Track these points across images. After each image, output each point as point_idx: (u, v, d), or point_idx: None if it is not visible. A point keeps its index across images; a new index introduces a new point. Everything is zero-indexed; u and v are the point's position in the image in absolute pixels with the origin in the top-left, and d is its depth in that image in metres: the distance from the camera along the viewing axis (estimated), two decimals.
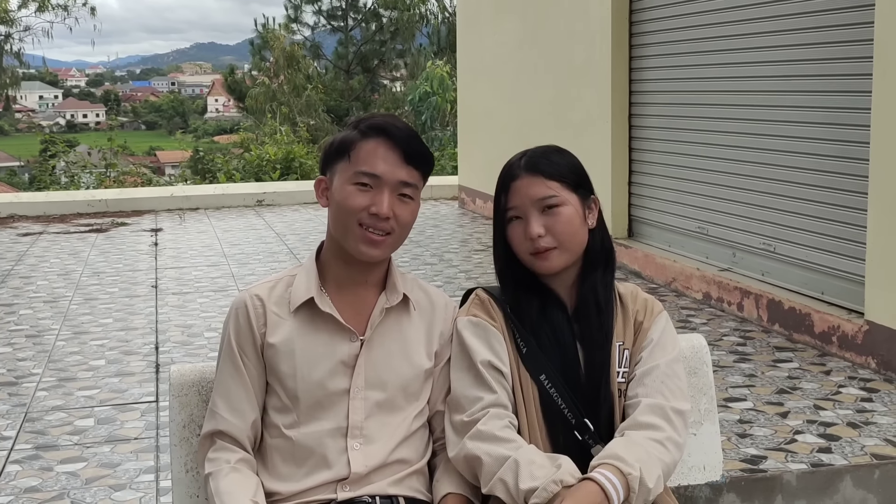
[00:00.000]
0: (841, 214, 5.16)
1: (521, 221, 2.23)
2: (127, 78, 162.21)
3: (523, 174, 2.22)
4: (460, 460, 2.12)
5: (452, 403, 2.19)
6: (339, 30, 38.70)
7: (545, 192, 2.20)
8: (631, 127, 7.35)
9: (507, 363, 2.19)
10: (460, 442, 2.12)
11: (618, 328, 2.25)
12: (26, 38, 40.09)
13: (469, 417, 2.13)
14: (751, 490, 3.47)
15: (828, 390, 4.43)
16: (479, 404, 2.13)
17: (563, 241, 2.20)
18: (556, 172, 2.22)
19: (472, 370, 2.17)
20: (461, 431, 2.13)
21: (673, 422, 2.13)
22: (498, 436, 2.08)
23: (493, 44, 10.05)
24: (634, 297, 2.29)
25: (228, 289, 6.92)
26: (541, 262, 2.21)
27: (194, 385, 2.30)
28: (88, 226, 10.28)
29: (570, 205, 2.21)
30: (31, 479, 3.65)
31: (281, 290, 2.22)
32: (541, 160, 2.23)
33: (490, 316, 2.23)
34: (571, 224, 2.20)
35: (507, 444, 2.06)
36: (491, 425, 2.10)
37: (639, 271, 6.93)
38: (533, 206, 2.20)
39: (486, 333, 2.20)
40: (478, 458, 2.07)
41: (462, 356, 2.21)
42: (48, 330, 5.88)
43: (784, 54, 5.60)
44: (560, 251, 2.21)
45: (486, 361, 2.17)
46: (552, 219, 2.20)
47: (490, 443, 2.07)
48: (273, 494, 2.12)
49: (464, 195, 11.10)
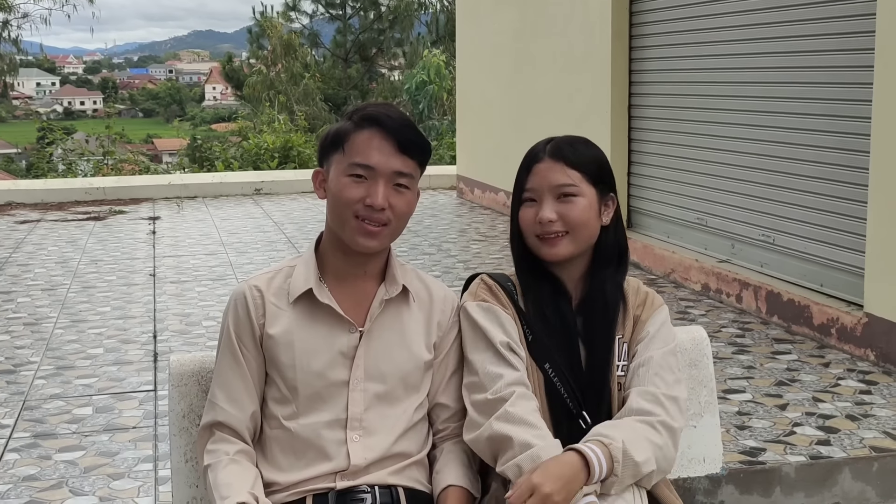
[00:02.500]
0: (841, 206, 5.15)
1: (534, 204, 2.23)
2: (124, 65, 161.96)
3: (546, 158, 2.22)
4: (482, 441, 2.10)
5: (472, 385, 2.17)
6: (337, 18, 38.62)
7: (563, 180, 2.20)
8: (630, 118, 7.34)
9: (521, 346, 2.19)
10: (485, 422, 2.09)
11: (618, 323, 2.25)
12: (24, 24, 39.95)
13: (494, 395, 2.11)
14: (750, 482, 3.47)
15: (827, 382, 4.43)
16: (501, 381, 2.12)
17: (573, 229, 2.20)
18: (579, 162, 2.22)
19: (491, 349, 2.16)
20: (485, 411, 2.11)
21: (665, 406, 2.12)
22: (527, 420, 2.06)
23: (492, 33, 10.02)
24: (636, 291, 2.30)
25: (226, 277, 6.92)
26: (547, 248, 2.21)
27: (194, 375, 2.30)
28: (86, 214, 10.26)
29: (586, 196, 2.21)
30: (30, 468, 3.65)
31: (280, 281, 2.21)
32: (566, 148, 2.23)
33: (499, 301, 2.23)
34: (584, 215, 2.20)
35: (535, 431, 2.05)
36: (520, 407, 2.08)
37: (637, 262, 6.92)
38: (549, 191, 2.20)
39: (499, 317, 2.20)
40: (508, 437, 2.04)
41: (477, 338, 2.20)
42: (46, 318, 5.87)
43: (785, 46, 5.59)
44: (568, 239, 2.20)
45: (504, 342, 2.16)
46: (566, 206, 2.20)
47: (519, 425, 2.05)
48: (272, 485, 2.12)
49: (462, 185, 11.08)
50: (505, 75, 9.64)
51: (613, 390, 2.20)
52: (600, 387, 2.18)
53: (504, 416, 2.07)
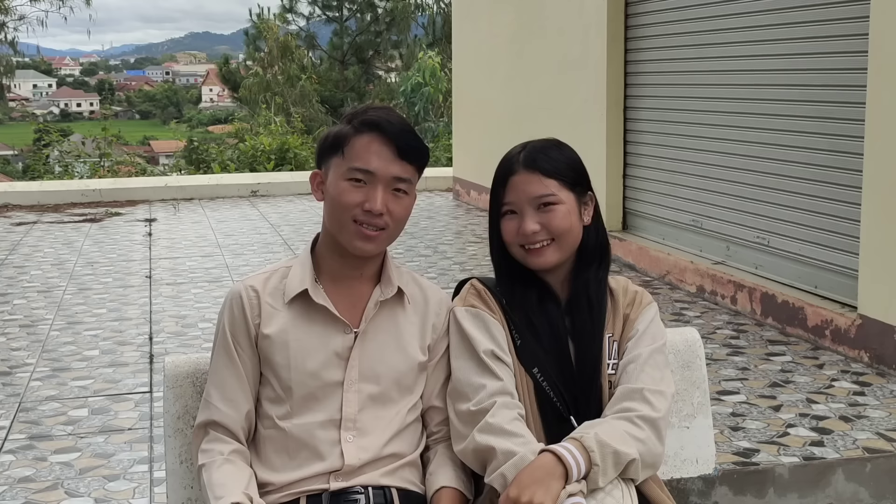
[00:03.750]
0: (835, 208, 5.17)
1: (515, 216, 2.23)
2: (121, 67, 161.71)
3: (521, 170, 2.22)
4: (469, 453, 2.12)
5: (455, 393, 2.19)
6: (334, 20, 38.62)
7: (542, 191, 2.21)
8: (626, 119, 7.35)
9: (508, 352, 2.20)
10: (469, 435, 2.11)
11: (608, 321, 2.26)
12: (21, 26, 39.94)
13: (476, 407, 2.12)
14: (743, 483, 3.48)
15: (820, 384, 4.44)
16: (483, 392, 2.13)
17: (558, 236, 2.21)
18: (554, 170, 2.22)
19: (475, 359, 2.17)
20: (468, 422, 2.12)
21: (649, 401, 2.13)
22: (507, 429, 2.07)
23: (488, 35, 10.04)
24: (625, 291, 2.31)
25: (223, 279, 6.92)
26: (534, 258, 2.22)
27: (189, 376, 2.30)
28: (82, 215, 10.26)
29: (565, 203, 2.22)
30: (25, 469, 3.65)
31: (276, 281, 2.22)
32: (539, 156, 2.23)
33: (488, 306, 2.24)
34: (566, 221, 2.21)
35: (516, 439, 2.06)
36: (500, 417, 2.09)
37: (633, 264, 6.94)
38: (529, 203, 2.21)
39: (486, 323, 2.21)
40: (491, 448, 2.05)
41: (463, 346, 2.21)
42: (42, 320, 5.87)
43: (779, 48, 5.60)
44: (554, 247, 2.22)
45: (488, 351, 2.17)
46: (547, 216, 2.20)
47: (500, 436, 2.06)
48: (266, 485, 2.13)
49: (458, 187, 11.10)
50: (501, 77, 9.65)
51: (603, 388, 2.21)
52: (590, 385, 2.19)
53: (486, 427, 2.09)
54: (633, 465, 2.04)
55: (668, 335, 2.34)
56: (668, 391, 2.18)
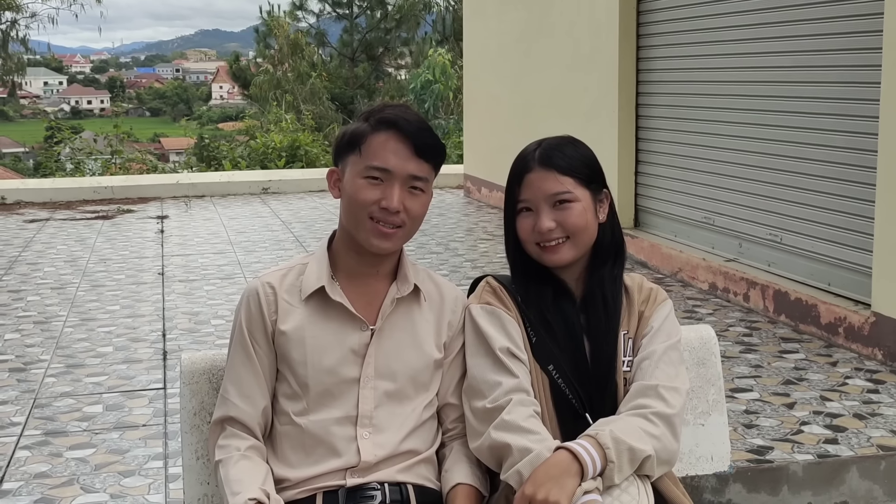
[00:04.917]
0: (848, 205, 5.16)
1: (531, 213, 2.24)
2: (131, 64, 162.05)
3: (537, 167, 2.23)
4: (484, 450, 2.12)
5: (471, 390, 2.19)
6: (344, 17, 38.60)
7: (557, 188, 2.21)
8: (638, 117, 7.34)
9: (523, 349, 2.20)
10: (484, 432, 2.11)
11: (623, 318, 2.26)
12: (32, 24, 40.09)
13: (492, 404, 2.12)
14: (757, 480, 3.48)
15: (834, 381, 4.43)
16: (499, 389, 2.13)
17: (574, 234, 2.21)
18: (570, 167, 2.22)
19: (491, 356, 2.18)
20: (484, 420, 2.13)
21: (664, 398, 2.13)
22: (523, 426, 2.08)
23: (498, 32, 10.03)
24: (640, 288, 2.31)
25: (235, 276, 6.94)
26: (549, 256, 2.23)
27: (205, 373, 2.31)
28: (95, 212, 10.29)
29: (581, 200, 2.22)
30: (41, 465, 3.67)
31: (292, 278, 2.23)
32: (555, 153, 2.23)
33: (503, 304, 2.24)
34: (582, 219, 2.21)
35: (531, 436, 2.06)
36: (516, 414, 2.10)
37: (645, 261, 6.93)
38: (545, 200, 2.21)
39: (502, 321, 2.21)
40: (507, 445, 2.06)
41: (479, 343, 2.21)
42: (56, 316, 5.90)
43: (792, 45, 5.59)
44: (570, 244, 2.22)
45: (504, 348, 2.17)
46: (563, 213, 2.21)
47: (516, 433, 2.07)
48: (282, 481, 2.14)
49: (469, 184, 11.10)
50: (512, 74, 9.65)
51: (619, 386, 2.21)
52: (605, 382, 2.19)
53: (501, 424, 2.09)
54: (648, 462, 2.05)
55: (682, 332, 2.35)
56: (682, 388, 2.19)
